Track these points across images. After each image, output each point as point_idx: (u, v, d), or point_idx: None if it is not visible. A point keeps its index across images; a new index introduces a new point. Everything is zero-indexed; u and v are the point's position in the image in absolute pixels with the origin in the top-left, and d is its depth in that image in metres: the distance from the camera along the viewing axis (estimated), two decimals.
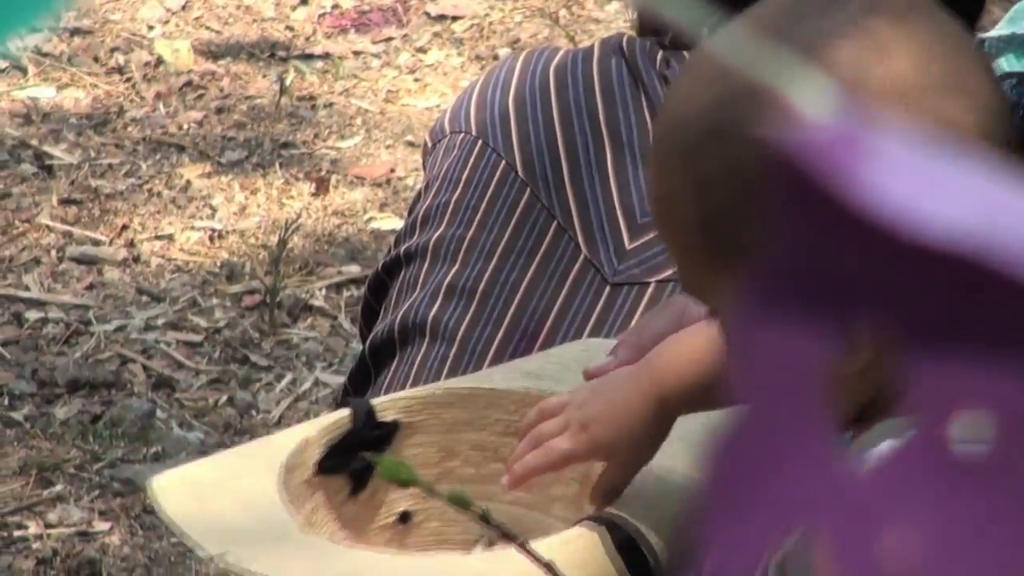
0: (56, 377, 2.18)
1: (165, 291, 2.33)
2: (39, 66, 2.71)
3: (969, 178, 0.25)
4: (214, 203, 2.48)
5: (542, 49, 1.37)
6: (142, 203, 2.47)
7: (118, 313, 2.29)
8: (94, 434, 2.11)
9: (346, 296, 2.32)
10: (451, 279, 1.25)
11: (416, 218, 1.31)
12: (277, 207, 2.48)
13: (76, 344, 2.25)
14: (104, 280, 2.35)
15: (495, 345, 1.23)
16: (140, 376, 2.21)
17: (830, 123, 0.26)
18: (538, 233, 1.26)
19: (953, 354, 0.24)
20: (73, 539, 1.99)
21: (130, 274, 2.36)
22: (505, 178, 1.27)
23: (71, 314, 2.30)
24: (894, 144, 0.26)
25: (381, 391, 1.22)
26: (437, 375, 1.22)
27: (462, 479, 1.07)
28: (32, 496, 2.04)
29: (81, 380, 2.18)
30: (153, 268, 2.37)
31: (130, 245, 2.41)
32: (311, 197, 2.50)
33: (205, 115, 2.66)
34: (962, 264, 0.24)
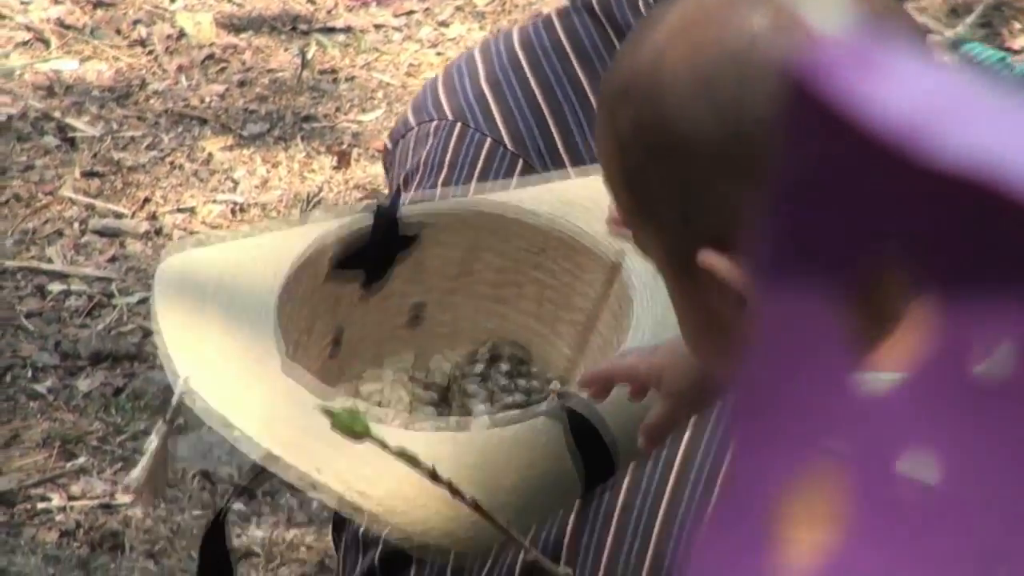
0: (79, 349, 2.18)
1: None
2: (62, 39, 2.71)
3: (988, 99, 0.24)
4: (236, 176, 2.48)
5: (497, 35, 1.31)
6: (164, 176, 2.47)
7: (140, 286, 2.29)
8: (116, 406, 2.12)
9: None
10: None
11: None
12: (299, 180, 2.47)
13: (99, 316, 2.26)
14: (126, 253, 2.35)
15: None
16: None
17: (838, 38, 0.25)
18: None
19: (972, 282, 0.24)
20: (96, 511, 2.00)
21: (152, 247, 2.35)
22: (494, 153, 1.20)
23: (94, 286, 2.30)
24: (907, 60, 0.25)
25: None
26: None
27: (477, 295, 1.07)
28: (55, 468, 2.05)
29: (104, 352, 2.18)
30: (175, 241, 2.36)
31: (152, 218, 2.40)
32: (332, 170, 2.49)
33: (227, 88, 2.65)
34: (980, 190, 0.23)
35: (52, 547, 1.95)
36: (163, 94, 2.63)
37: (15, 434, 2.08)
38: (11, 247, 2.34)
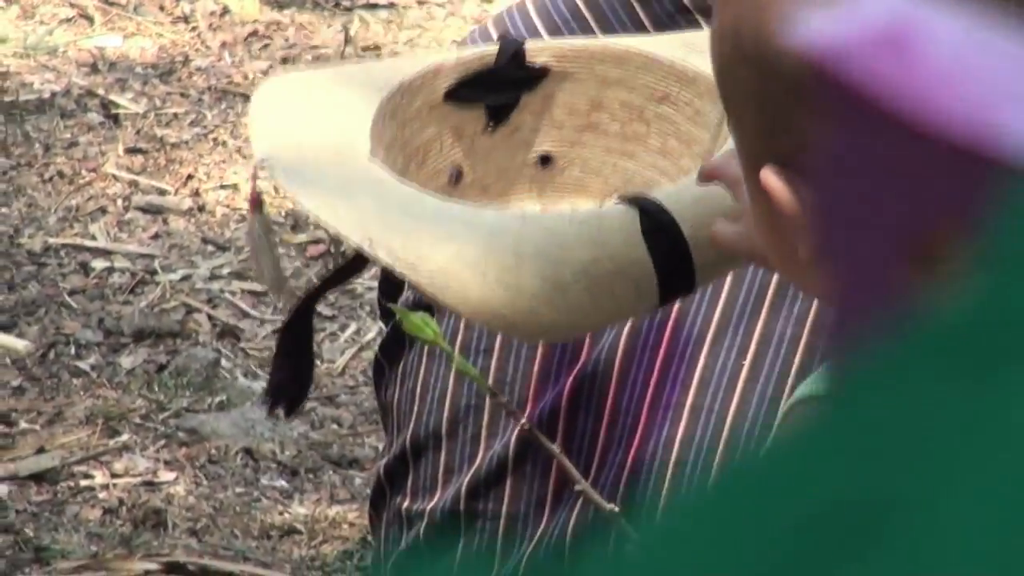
0: (122, 326, 2.18)
1: (230, 241, 2.32)
2: (106, 15, 2.71)
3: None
4: None
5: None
6: (207, 152, 2.46)
7: (184, 263, 2.28)
8: (159, 383, 2.11)
9: None
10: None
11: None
12: None
13: (142, 293, 2.25)
14: (169, 229, 2.34)
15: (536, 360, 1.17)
16: (205, 326, 2.20)
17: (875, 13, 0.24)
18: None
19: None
20: (139, 489, 1.99)
21: (195, 223, 2.35)
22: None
23: (137, 263, 2.30)
24: (952, 35, 0.24)
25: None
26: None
27: (608, 133, 1.07)
28: (98, 445, 2.04)
29: (147, 329, 2.17)
30: (218, 218, 2.36)
31: (195, 195, 2.39)
32: None
33: (270, 65, 2.63)
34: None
35: (95, 524, 1.95)
36: (206, 71, 2.62)
37: (59, 411, 2.08)
38: (55, 224, 2.34)
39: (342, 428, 2.07)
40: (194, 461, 2.01)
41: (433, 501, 1.19)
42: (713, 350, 1.11)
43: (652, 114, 1.06)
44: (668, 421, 1.11)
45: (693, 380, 1.11)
